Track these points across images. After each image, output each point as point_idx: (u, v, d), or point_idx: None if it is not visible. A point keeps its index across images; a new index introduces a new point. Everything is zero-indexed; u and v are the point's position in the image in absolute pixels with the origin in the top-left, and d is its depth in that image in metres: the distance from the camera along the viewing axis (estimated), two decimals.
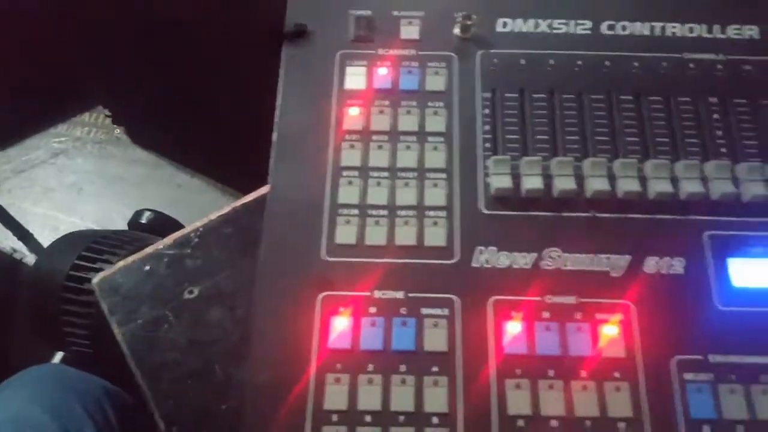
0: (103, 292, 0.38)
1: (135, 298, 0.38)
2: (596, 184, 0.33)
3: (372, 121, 0.36)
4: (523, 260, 0.32)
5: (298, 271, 0.32)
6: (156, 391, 0.35)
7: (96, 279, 0.39)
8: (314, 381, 0.30)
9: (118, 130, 1.34)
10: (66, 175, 1.28)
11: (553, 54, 0.38)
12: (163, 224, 0.90)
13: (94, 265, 0.79)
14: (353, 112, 0.36)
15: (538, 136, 0.35)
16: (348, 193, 0.34)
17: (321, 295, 0.32)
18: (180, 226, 0.98)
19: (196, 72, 1.16)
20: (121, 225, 1.23)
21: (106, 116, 1.35)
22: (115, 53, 1.19)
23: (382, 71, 0.37)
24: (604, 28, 0.39)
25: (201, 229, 0.41)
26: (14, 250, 1.21)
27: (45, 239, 1.21)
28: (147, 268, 0.39)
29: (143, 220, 0.88)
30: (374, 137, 0.36)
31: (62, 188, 1.26)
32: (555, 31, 0.39)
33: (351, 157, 0.35)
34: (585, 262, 0.32)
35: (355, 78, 0.37)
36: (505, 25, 0.39)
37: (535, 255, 0.32)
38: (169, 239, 0.41)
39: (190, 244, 0.40)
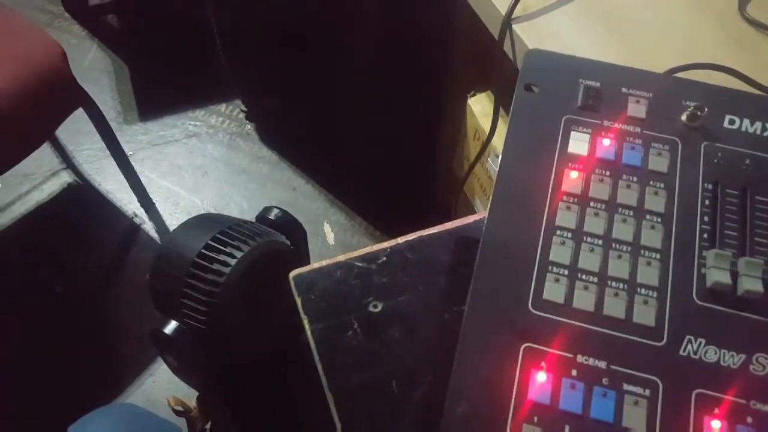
0: (299, 288, 0.41)
1: (326, 300, 0.40)
2: None
3: (591, 187, 0.37)
4: (731, 359, 0.32)
5: (504, 315, 0.33)
6: (336, 391, 0.37)
7: (293, 273, 0.41)
8: (510, 426, 0.30)
9: (249, 126, 1.42)
10: (195, 157, 1.36)
11: None
12: (287, 224, 0.94)
13: (225, 249, 0.84)
14: (573, 175, 0.38)
15: (758, 239, 0.35)
16: (560, 253, 0.35)
17: (523, 345, 0.33)
18: (302, 229, 1.02)
19: (329, 88, 1.21)
20: (237, 214, 1.30)
21: (242, 111, 1.44)
22: (266, 59, 1.27)
23: (606, 142, 0.39)
24: None
25: (389, 249, 0.43)
26: (135, 215, 1.29)
27: (165, 212, 1.30)
28: (338, 274, 0.42)
29: (271, 216, 0.93)
30: (592, 203, 0.37)
31: (189, 168, 1.35)
32: None
33: (567, 218, 0.36)
34: None
35: (578, 143, 0.39)
36: (732, 122, 0.39)
37: (743, 357, 0.32)
38: (358, 252, 0.43)
39: (377, 262, 0.43)
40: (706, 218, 0.36)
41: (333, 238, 1.27)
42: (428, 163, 1.16)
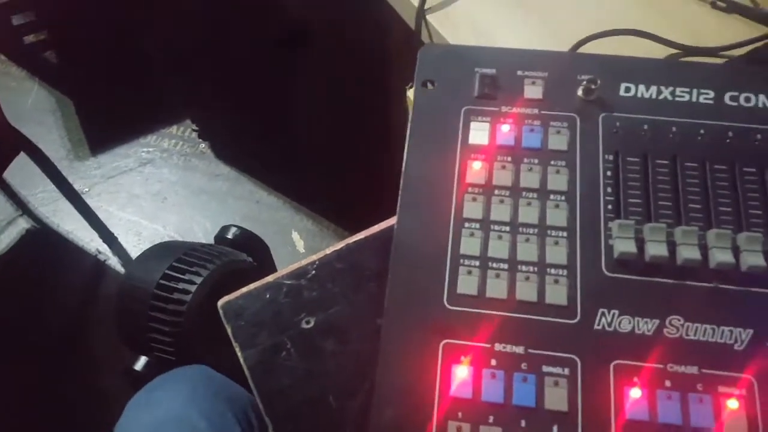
0: (228, 316, 0.41)
1: (257, 324, 0.40)
2: (720, 255, 0.33)
3: (494, 176, 0.37)
4: (645, 326, 0.33)
5: (421, 316, 0.34)
6: (274, 415, 0.37)
7: (221, 302, 0.41)
8: (436, 427, 0.31)
9: (203, 145, 1.41)
10: (152, 183, 1.35)
11: (676, 122, 0.38)
12: (247, 241, 0.94)
13: (184, 276, 0.83)
14: (476, 166, 0.38)
15: (661, 203, 0.36)
16: (470, 245, 0.36)
17: (443, 342, 0.33)
18: (263, 244, 1.01)
19: (274, 98, 1.21)
20: (201, 235, 1.29)
21: (193, 130, 1.42)
22: (206, 74, 1.26)
23: (505, 128, 0.39)
24: (726, 98, 0.39)
25: (317, 262, 0.43)
26: (99, 252, 1.28)
27: (128, 244, 1.29)
28: (267, 296, 0.42)
29: (229, 236, 0.92)
30: (496, 192, 0.37)
31: (147, 196, 1.33)
32: (677, 99, 0.39)
33: (473, 209, 0.37)
34: (708, 333, 0.32)
35: (478, 133, 0.39)
36: (627, 90, 0.40)
37: (657, 322, 0.33)
38: (287, 270, 0.43)
39: (306, 276, 0.43)
40: (609, 189, 0.36)
41: (303, 245, 1.26)
42: (385, 157, 1.16)
